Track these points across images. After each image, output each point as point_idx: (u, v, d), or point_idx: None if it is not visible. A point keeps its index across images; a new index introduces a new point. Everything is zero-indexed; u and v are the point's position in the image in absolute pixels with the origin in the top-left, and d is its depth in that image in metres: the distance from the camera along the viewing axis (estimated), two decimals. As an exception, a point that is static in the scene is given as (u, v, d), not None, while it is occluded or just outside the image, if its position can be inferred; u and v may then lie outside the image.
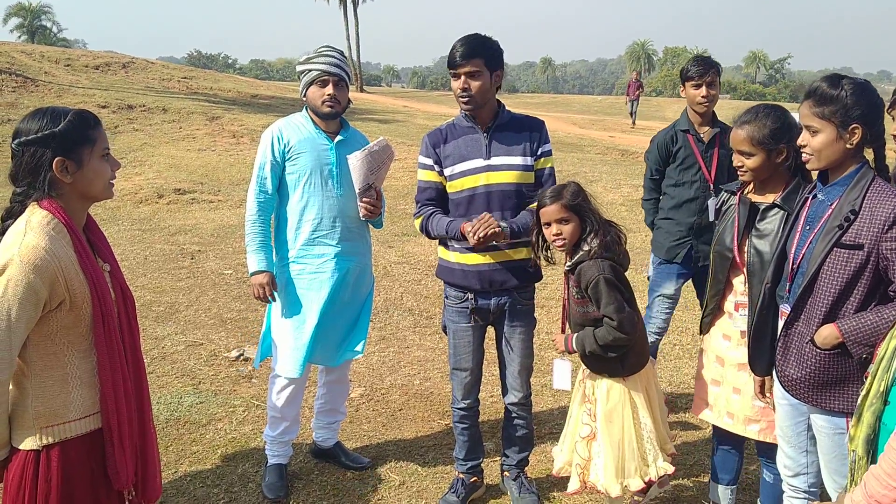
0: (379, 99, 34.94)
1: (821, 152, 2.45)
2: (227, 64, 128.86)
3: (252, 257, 3.61)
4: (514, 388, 3.53)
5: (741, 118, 3.00)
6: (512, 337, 3.48)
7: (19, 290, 2.02)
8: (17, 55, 22.06)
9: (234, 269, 7.72)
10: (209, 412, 4.57)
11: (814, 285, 2.48)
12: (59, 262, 2.08)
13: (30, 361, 2.14)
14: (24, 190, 2.17)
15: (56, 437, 2.17)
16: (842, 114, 2.39)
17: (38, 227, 2.09)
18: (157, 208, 10.80)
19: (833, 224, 2.43)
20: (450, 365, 3.61)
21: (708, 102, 4.21)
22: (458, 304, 3.48)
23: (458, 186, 3.37)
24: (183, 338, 5.80)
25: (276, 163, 3.61)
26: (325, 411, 3.99)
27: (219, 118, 17.93)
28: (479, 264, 3.36)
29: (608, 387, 3.14)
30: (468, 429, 3.62)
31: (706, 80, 4.19)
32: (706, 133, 4.27)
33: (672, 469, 3.14)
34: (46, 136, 2.13)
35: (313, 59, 3.61)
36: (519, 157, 3.34)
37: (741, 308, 3.07)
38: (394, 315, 6.52)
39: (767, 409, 3.05)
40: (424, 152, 3.46)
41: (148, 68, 25.39)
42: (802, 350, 2.52)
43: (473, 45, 3.23)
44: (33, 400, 2.15)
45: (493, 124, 3.36)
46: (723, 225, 3.16)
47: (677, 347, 5.84)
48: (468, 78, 3.23)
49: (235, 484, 3.80)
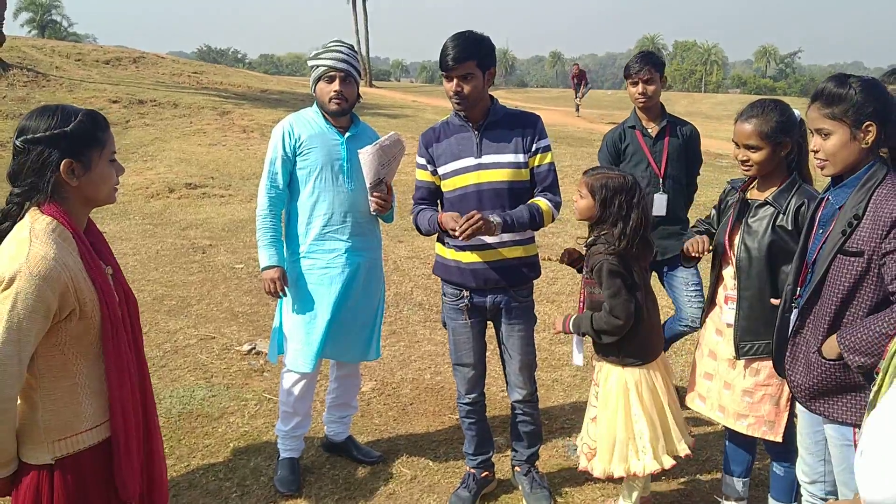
0: (388, 93, 34.91)
1: (836, 155, 2.38)
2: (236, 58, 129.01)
3: (263, 252, 3.62)
4: (516, 386, 3.51)
5: (746, 113, 3.00)
6: (511, 335, 3.45)
7: (30, 303, 1.93)
8: (28, 50, 22.16)
9: (246, 264, 7.74)
10: (221, 406, 4.59)
11: (820, 292, 2.42)
12: (69, 271, 2.00)
13: (38, 374, 2.06)
14: (24, 191, 2.06)
15: (69, 450, 2.10)
16: (853, 112, 2.32)
17: (44, 234, 2.00)
18: (169, 202, 10.83)
19: (838, 229, 2.36)
20: (451, 361, 3.61)
21: (645, 98, 4.29)
22: (454, 301, 3.45)
23: (451, 185, 3.35)
24: (195, 331, 5.83)
25: (286, 158, 3.61)
26: (337, 405, 4.00)
27: (229, 113, 17.95)
28: (475, 262, 3.33)
29: (608, 372, 3.23)
30: (475, 423, 3.60)
31: (642, 77, 4.27)
32: (654, 128, 4.34)
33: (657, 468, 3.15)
34: (56, 136, 2.03)
35: (322, 55, 3.60)
36: (510, 155, 3.28)
37: (730, 301, 3.10)
38: (404, 309, 6.53)
39: (756, 405, 3.09)
40: (419, 151, 3.47)
41: (158, 63, 25.46)
42: (809, 358, 2.47)
43: (465, 47, 3.16)
44: (43, 413, 2.07)
45: (485, 122, 3.31)
46: (723, 220, 3.21)
47: (688, 342, 5.81)
48: (461, 81, 3.18)
49: (248, 477, 3.82)
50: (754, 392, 3.08)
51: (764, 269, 2.96)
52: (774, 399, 3.05)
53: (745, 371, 3.08)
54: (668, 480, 3.78)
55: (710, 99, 47.87)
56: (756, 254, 2.96)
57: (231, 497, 3.65)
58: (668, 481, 3.77)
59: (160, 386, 4.78)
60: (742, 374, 3.09)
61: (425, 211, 3.44)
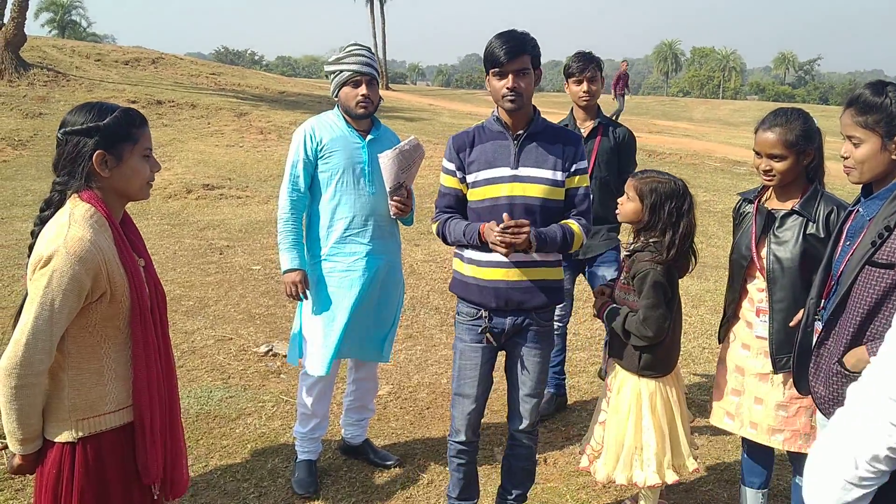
0: (404, 97, 34.98)
1: (864, 164, 2.35)
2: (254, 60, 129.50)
3: (285, 255, 3.63)
4: (522, 414, 3.21)
5: (768, 122, 2.96)
6: (527, 360, 3.16)
7: (64, 281, 2.04)
8: (49, 50, 22.39)
9: (263, 265, 7.77)
10: (238, 407, 4.60)
11: (846, 303, 2.37)
12: (103, 254, 2.11)
13: (67, 353, 2.16)
14: (63, 179, 2.20)
15: (91, 430, 2.18)
16: (886, 123, 2.29)
17: (82, 219, 2.12)
18: (186, 203, 10.90)
19: (867, 240, 2.31)
20: (452, 389, 3.27)
21: (589, 97, 4.30)
22: (469, 322, 3.16)
23: (480, 195, 3.07)
24: (212, 332, 5.85)
25: (308, 161, 3.62)
26: (354, 408, 4.01)
27: (246, 114, 18.06)
28: (497, 280, 3.06)
29: (622, 379, 3.21)
30: (464, 465, 3.29)
31: (586, 76, 4.28)
32: (586, 128, 4.35)
33: (657, 482, 3.13)
34: (91, 128, 2.16)
35: (344, 59, 3.61)
36: (549, 171, 3.03)
37: (762, 314, 3.05)
38: (420, 313, 6.53)
39: (791, 419, 3.03)
40: (448, 156, 3.17)
41: (177, 64, 25.66)
42: (831, 370, 2.43)
43: (520, 41, 2.94)
44: (69, 392, 2.16)
45: (526, 132, 3.05)
46: (739, 232, 3.16)
47: (707, 351, 5.80)
48: (517, 77, 2.93)
49: (265, 479, 3.83)
50: (789, 406, 3.03)
51: (797, 279, 2.92)
52: (809, 411, 3.00)
53: (781, 384, 3.03)
54: (687, 491, 3.76)
55: (728, 105, 47.63)
56: (788, 264, 2.92)
57: (249, 498, 3.66)
58: (686, 492, 3.75)
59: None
60: (776, 387, 3.05)
61: (455, 219, 3.13)
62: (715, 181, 14.26)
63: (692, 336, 6.09)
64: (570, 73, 4.35)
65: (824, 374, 2.47)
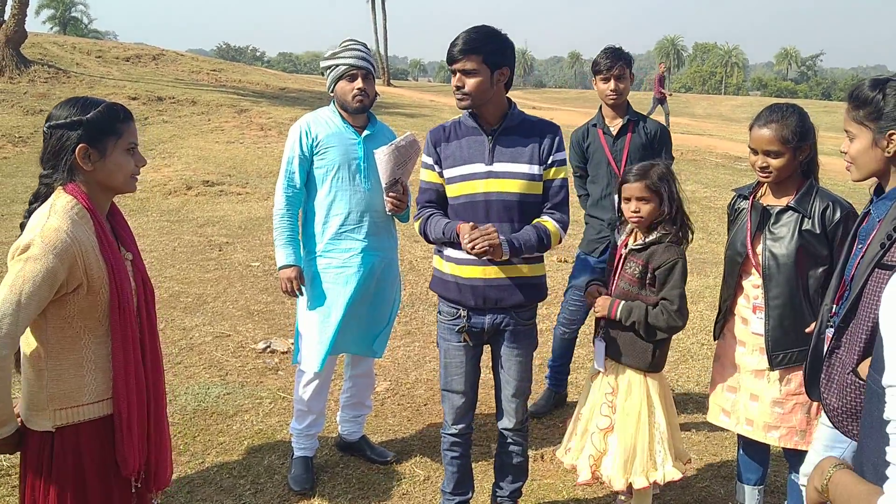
0: (405, 93, 34.95)
1: (857, 160, 2.31)
2: (255, 57, 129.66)
3: (280, 251, 3.63)
4: (508, 413, 3.23)
5: (763, 118, 2.94)
6: (508, 359, 3.15)
7: (36, 268, 2.05)
8: (50, 46, 22.39)
9: (262, 262, 7.77)
10: (236, 403, 4.60)
11: (857, 308, 2.27)
12: (80, 245, 2.12)
13: (47, 344, 2.18)
14: (48, 172, 2.23)
15: (69, 420, 2.21)
16: (876, 118, 2.23)
17: (62, 210, 2.15)
18: (186, 200, 10.89)
19: (877, 242, 2.23)
20: (440, 386, 3.28)
21: (617, 95, 4.22)
22: (449, 321, 3.14)
23: (456, 191, 3.07)
24: (210, 329, 5.85)
25: (304, 157, 3.62)
26: (351, 405, 4.01)
27: (247, 111, 18.03)
28: (475, 278, 3.03)
29: (630, 380, 3.14)
30: (458, 458, 3.30)
31: (614, 74, 4.20)
32: (616, 125, 4.27)
33: (679, 476, 3.12)
34: (74, 122, 2.19)
35: (339, 54, 3.61)
36: (525, 165, 3.00)
37: (758, 311, 3.04)
38: (419, 310, 6.53)
39: (787, 415, 3.03)
40: (426, 150, 3.17)
41: (177, 60, 25.63)
42: (844, 380, 2.30)
43: (472, 40, 2.92)
44: (48, 381, 2.18)
45: (500, 127, 3.04)
46: (734, 229, 3.14)
47: (705, 347, 5.79)
48: (462, 75, 2.94)
49: (262, 475, 3.83)
50: (785, 402, 3.02)
51: (793, 276, 2.91)
52: (805, 408, 3.00)
53: (777, 381, 3.02)
54: (684, 488, 3.75)
55: (731, 101, 47.54)
56: (784, 260, 2.91)
57: (245, 494, 3.66)
58: (683, 489, 3.75)
59: (175, 382, 4.80)
60: (772, 384, 3.03)
61: (437, 217, 3.11)
62: (716, 177, 14.23)
63: (691, 332, 6.08)
64: (597, 70, 4.23)
65: (837, 384, 2.34)
